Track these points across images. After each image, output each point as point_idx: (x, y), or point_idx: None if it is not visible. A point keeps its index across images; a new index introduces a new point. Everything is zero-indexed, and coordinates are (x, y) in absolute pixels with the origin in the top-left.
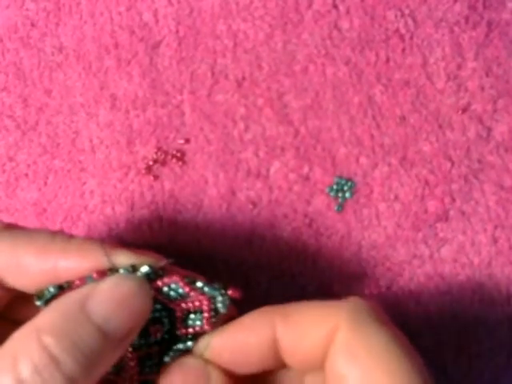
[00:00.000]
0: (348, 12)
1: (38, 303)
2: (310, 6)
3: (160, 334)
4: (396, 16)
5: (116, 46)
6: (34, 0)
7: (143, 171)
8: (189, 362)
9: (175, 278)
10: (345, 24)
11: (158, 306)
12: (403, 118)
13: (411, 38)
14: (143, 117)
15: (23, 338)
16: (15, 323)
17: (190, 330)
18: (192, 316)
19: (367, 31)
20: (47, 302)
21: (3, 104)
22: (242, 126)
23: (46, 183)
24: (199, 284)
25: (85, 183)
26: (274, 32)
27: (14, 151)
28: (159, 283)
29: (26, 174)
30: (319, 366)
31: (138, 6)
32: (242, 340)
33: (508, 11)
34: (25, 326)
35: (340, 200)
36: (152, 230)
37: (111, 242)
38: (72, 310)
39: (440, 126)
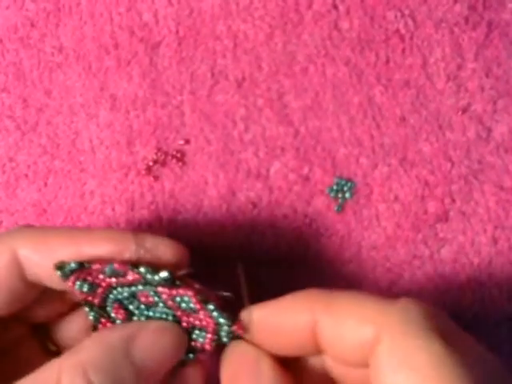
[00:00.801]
0: (348, 12)
1: (58, 273)
2: (310, 6)
3: None
4: (396, 16)
5: (116, 46)
6: (33, 0)
7: (143, 172)
8: (239, 347)
9: (190, 292)
10: (345, 24)
11: (166, 310)
12: (403, 119)
13: (411, 38)
14: (143, 117)
15: (69, 370)
16: (31, 326)
17: (192, 343)
18: (197, 332)
19: (367, 31)
20: (67, 275)
21: (3, 104)
22: (242, 126)
23: (46, 184)
24: (210, 307)
25: (85, 184)
26: (274, 32)
27: (13, 152)
28: (174, 292)
29: (26, 175)
30: (359, 363)
31: (138, 6)
32: (280, 321)
33: (508, 12)
34: (69, 355)
35: (340, 200)
36: (152, 231)
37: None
38: (116, 351)
39: (440, 127)
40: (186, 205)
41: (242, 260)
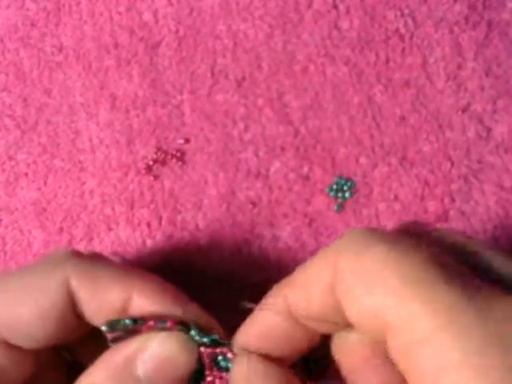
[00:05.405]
0: (348, 12)
1: (103, 328)
2: (309, 5)
3: None
4: (396, 16)
5: (116, 45)
6: (33, 0)
7: (143, 171)
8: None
9: (230, 354)
10: (345, 24)
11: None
12: (403, 118)
13: (411, 37)
14: (143, 117)
15: None
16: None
17: None
18: None
19: (367, 31)
20: (115, 329)
21: (3, 104)
22: (241, 125)
23: (45, 183)
24: None
25: (84, 183)
26: (274, 32)
27: (13, 150)
28: (218, 350)
29: (26, 174)
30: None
31: (138, 5)
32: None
33: (508, 11)
34: (82, 377)
35: (340, 200)
36: (151, 230)
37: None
38: (119, 367)
39: (440, 126)
40: (186, 204)
41: (241, 259)
